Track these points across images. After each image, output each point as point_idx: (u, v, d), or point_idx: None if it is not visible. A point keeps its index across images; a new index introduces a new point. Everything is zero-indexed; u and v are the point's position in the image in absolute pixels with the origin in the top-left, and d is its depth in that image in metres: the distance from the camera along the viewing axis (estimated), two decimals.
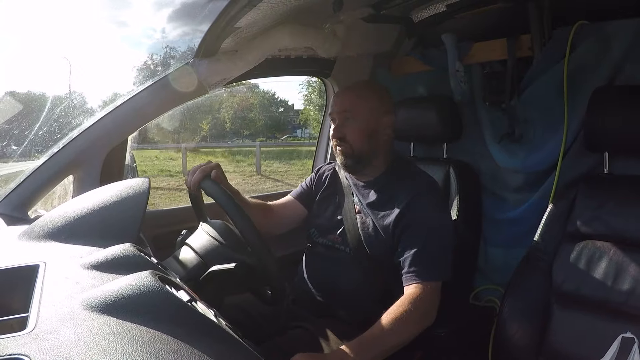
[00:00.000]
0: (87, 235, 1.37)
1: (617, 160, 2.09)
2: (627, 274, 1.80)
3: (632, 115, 1.89)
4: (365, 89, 2.13)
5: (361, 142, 2.05)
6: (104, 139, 2.18)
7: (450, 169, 2.54)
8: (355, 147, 2.06)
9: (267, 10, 1.87)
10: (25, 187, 2.09)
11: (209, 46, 2.01)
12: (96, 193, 1.62)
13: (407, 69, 3.05)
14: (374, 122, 2.06)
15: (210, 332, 0.92)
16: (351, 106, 2.05)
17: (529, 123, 2.47)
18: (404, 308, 1.77)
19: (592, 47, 2.22)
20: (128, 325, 0.82)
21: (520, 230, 2.46)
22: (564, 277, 1.93)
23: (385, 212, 2.02)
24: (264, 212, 2.27)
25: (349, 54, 2.84)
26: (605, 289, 1.83)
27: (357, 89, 2.14)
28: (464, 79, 2.67)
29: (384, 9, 2.43)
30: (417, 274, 1.87)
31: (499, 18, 2.58)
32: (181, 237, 1.87)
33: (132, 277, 0.97)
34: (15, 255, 1.25)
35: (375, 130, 2.07)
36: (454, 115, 2.68)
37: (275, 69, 2.73)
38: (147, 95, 2.18)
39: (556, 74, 2.32)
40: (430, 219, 1.96)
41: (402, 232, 1.96)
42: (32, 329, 0.82)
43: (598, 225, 1.92)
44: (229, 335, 0.99)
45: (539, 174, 2.41)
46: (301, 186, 2.45)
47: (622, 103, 1.95)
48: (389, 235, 1.99)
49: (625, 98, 1.96)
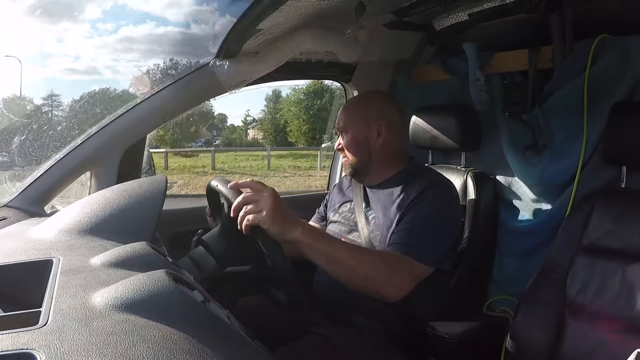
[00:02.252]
0: (103, 232, 1.37)
1: (635, 175, 2.07)
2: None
3: None
4: (356, 101, 2.29)
5: (354, 152, 2.17)
6: (122, 136, 2.20)
7: (467, 177, 2.53)
8: (351, 157, 2.18)
9: (289, 13, 1.87)
10: (42, 182, 2.11)
11: (230, 47, 2.02)
12: (113, 190, 1.63)
13: (428, 76, 3.04)
14: (362, 132, 2.15)
15: (222, 334, 0.91)
16: (342, 121, 2.20)
17: (548, 135, 2.45)
18: (380, 257, 1.84)
19: (613, 60, 2.20)
20: (141, 324, 0.82)
21: (536, 242, 2.45)
22: (578, 290, 1.92)
23: (394, 212, 2.04)
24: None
25: (369, 59, 2.84)
26: (619, 304, 1.81)
27: (349, 103, 2.30)
28: (484, 89, 2.65)
29: (406, 15, 2.43)
30: (403, 247, 1.88)
31: (521, 29, 2.57)
32: (197, 237, 1.87)
33: (146, 275, 0.97)
34: (30, 250, 1.25)
35: (365, 138, 2.15)
36: (473, 125, 2.67)
37: (296, 72, 2.73)
38: (166, 94, 2.19)
39: (576, 86, 2.30)
40: (432, 207, 1.97)
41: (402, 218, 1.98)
42: (44, 324, 0.81)
43: (614, 239, 1.90)
44: (241, 337, 0.99)
45: (557, 185, 2.38)
46: (318, 212, 2.57)
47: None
48: None
49: None
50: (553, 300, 1.95)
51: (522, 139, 2.53)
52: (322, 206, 2.55)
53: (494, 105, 2.70)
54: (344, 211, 2.30)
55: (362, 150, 2.15)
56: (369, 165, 2.17)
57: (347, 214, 2.26)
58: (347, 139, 2.17)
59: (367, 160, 2.16)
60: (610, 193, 2.01)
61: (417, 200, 1.98)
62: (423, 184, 2.02)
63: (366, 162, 2.16)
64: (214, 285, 1.69)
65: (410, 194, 2.01)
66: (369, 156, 2.15)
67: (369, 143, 2.14)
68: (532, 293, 1.98)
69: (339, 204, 2.36)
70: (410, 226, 1.93)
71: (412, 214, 1.97)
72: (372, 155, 2.16)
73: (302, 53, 2.55)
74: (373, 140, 2.14)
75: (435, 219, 1.96)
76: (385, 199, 2.11)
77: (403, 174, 2.17)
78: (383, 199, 2.13)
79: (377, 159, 2.16)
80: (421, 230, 1.92)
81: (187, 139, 39.82)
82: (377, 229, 2.07)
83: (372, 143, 2.15)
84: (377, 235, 2.06)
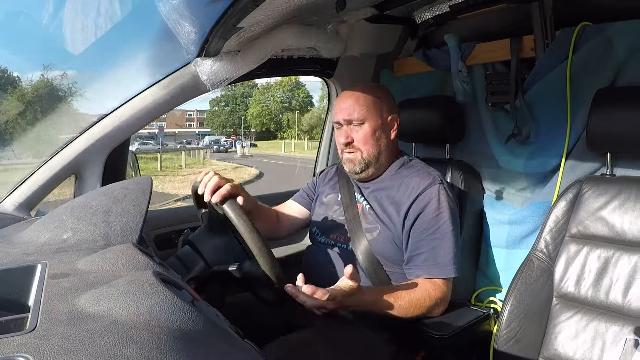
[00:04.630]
0: (89, 234, 1.37)
1: (620, 161, 2.10)
2: (628, 275, 1.80)
3: (635, 117, 1.89)
4: (367, 93, 2.13)
5: (370, 146, 2.11)
6: (105, 138, 2.19)
7: (452, 169, 2.54)
8: (365, 152, 2.11)
9: (270, 11, 1.87)
10: (27, 187, 2.10)
11: (212, 46, 2.01)
12: (98, 193, 1.62)
13: (410, 69, 3.05)
14: (379, 125, 2.10)
15: (212, 333, 0.91)
16: (357, 111, 2.08)
17: (531, 124, 2.47)
18: (424, 293, 1.92)
19: (594, 48, 2.21)
20: (129, 325, 0.82)
21: (522, 231, 2.46)
22: (566, 278, 1.94)
23: (389, 209, 2.05)
24: (273, 220, 2.33)
25: (351, 54, 2.84)
26: (607, 290, 1.84)
27: (360, 93, 2.14)
28: (466, 80, 2.67)
29: (387, 9, 2.43)
30: (430, 270, 1.95)
31: (502, 19, 2.59)
32: (183, 237, 1.87)
33: (134, 277, 0.97)
34: (17, 255, 1.24)
35: (381, 132, 2.11)
36: (456, 116, 2.69)
37: (278, 69, 2.72)
38: (149, 95, 2.18)
39: (559, 75, 2.32)
40: (439, 218, 1.99)
41: (410, 230, 2.00)
42: (33, 328, 0.81)
43: (600, 227, 1.92)
44: (231, 335, 0.99)
45: (542, 174, 2.39)
46: (303, 189, 2.50)
47: (624, 104, 1.94)
48: (393, 232, 2.01)
49: (628, 99, 1.96)
50: (541, 289, 1.96)
51: (505, 129, 2.54)
52: (309, 188, 2.52)
53: (477, 96, 2.71)
54: (331, 203, 2.29)
55: (380, 144, 2.12)
56: (380, 159, 2.15)
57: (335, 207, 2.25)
58: (363, 132, 2.09)
59: (378, 154, 2.13)
60: (595, 180, 2.02)
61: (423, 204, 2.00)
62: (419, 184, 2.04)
63: (377, 157, 2.13)
64: (202, 284, 1.70)
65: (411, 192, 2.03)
66: (380, 151, 2.13)
67: (383, 137, 2.13)
68: (520, 283, 1.99)
69: (324, 195, 2.35)
70: (428, 247, 1.98)
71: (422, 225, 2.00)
72: (384, 150, 2.14)
73: (284, 50, 2.54)
74: (387, 134, 2.14)
75: (446, 229, 1.99)
76: (382, 193, 2.13)
77: (397, 166, 2.18)
78: (379, 193, 2.14)
79: (385, 153, 2.15)
80: (440, 251, 1.97)
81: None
82: (377, 222, 2.08)
83: (387, 137, 2.14)
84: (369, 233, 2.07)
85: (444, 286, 1.95)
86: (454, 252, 1.97)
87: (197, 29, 1.85)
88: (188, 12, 1.78)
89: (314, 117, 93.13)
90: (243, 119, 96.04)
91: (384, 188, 2.14)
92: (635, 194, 1.88)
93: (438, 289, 1.92)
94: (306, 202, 2.46)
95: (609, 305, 1.82)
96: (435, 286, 1.92)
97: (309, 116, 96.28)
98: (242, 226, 1.63)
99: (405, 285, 1.93)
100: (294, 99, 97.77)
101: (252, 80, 25.48)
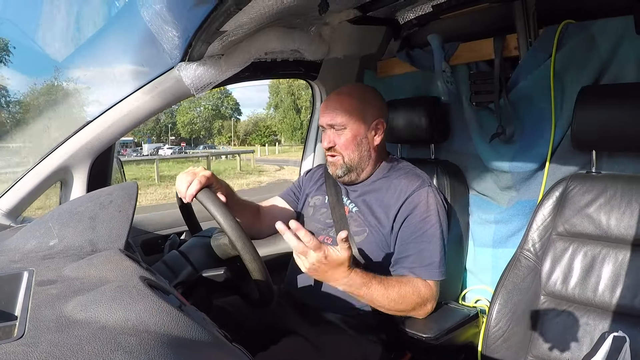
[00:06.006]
0: (76, 241, 1.37)
1: (605, 159, 2.11)
2: (614, 272, 1.82)
3: (619, 114, 1.90)
4: (353, 96, 2.12)
5: (352, 151, 2.09)
6: (90, 144, 2.18)
7: (438, 169, 2.54)
8: (346, 156, 2.10)
9: (253, 14, 1.86)
10: (13, 194, 2.09)
11: (195, 50, 2.01)
12: (84, 198, 1.61)
13: (394, 70, 3.06)
14: (363, 129, 2.09)
15: (200, 337, 0.91)
16: (339, 116, 2.07)
17: (516, 123, 2.48)
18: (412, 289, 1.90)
19: (578, 46, 2.22)
20: (117, 331, 0.81)
21: (508, 230, 2.47)
22: (553, 276, 1.95)
23: (378, 212, 2.05)
24: (254, 214, 2.29)
25: (335, 56, 2.84)
26: (594, 287, 1.85)
27: (344, 96, 2.12)
28: (450, 80, 2.67)
29: (370, 10, 2.43)
30: (417, 272, 1.94)
31: (485, 18, 2.59)
32: (169, 242, 1.87)
33: (121, 282, 0.97)
34: (3, 262, 1.24)
35: (365, 137, 2.10)
36: (441, 116, 2.69)
37: (262, 72, 2.72)
38: (133, 101, 2.17)
39: (543, 73, 2.33)
40: (426, 221, 1.99)
41: (398, 232, 2.00)
42: (21, 336, 0.81)
43: (586, 224, 1.93)
44: (219, 339, 0.99)
45: (527, 173, 2.40)
46: (290, 188, 2.48)
47: (609, 101, 1.96)
48: (381, 235, 2.01)
49: (612, 96, 1.97)
50: (528, 287, 1.97)
51: (490, 129, 2.55)
52: (295, 187, 2.51)
53: (461, 96, 2.71)
54: (317, 205, 2.29)
55: (361, 149, 2.10)
56: (363, 165, 2.14)
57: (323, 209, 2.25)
58: (345, 137, 2.08)
59: (362, 159, 2.12)
60: (581, 178, 2.03)
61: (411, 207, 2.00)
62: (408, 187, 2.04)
63: (360, 162, 2.12)
64: (190, 288, 1.69)
65: (400, 195, 2.04)
66: (365, 155, 2.12)
67: (367, 141, 2.11)
68: (507, 282, 2.00)
69: (312, 196, 2.35)
70: (415, 250, 1.97)
71: (410, 227, 1.99)
72: (369, 154, 2.13)
73: (268, 53, 2.54)
74: (372, 138, 2.12)
75: (434, 232, 1.99)
76: (370, 196, 2.12)
77: (386, 169, 2.18)
78: (367, 196, 2.13)
79: (371, 157, 2.14)
80: (427, 254, 1.96)
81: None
82: (364, 225, 2.07)
83: (371, 141, 2.12)
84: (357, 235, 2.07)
85: (433, 287, 1.95)
86: (440, 255, 1.96)
87: (180, 33, 1.85)
88: (171, 16, 1.78)
89: (250, 123, 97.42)
90: (170, 126, 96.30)
91: (372, 191, 2.13)
92: (620, 191, 1.90)
93: (428, 288, 1.92)
94: (291, 200, 2.45)
95: (597, 302, 1.84)
96: (426, 285, 1.92)
97: (245, 123, 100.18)
98: (215, 212, 1.64)
99: (397, 278, 1.93)
100: (222, 106, 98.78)
101: None
